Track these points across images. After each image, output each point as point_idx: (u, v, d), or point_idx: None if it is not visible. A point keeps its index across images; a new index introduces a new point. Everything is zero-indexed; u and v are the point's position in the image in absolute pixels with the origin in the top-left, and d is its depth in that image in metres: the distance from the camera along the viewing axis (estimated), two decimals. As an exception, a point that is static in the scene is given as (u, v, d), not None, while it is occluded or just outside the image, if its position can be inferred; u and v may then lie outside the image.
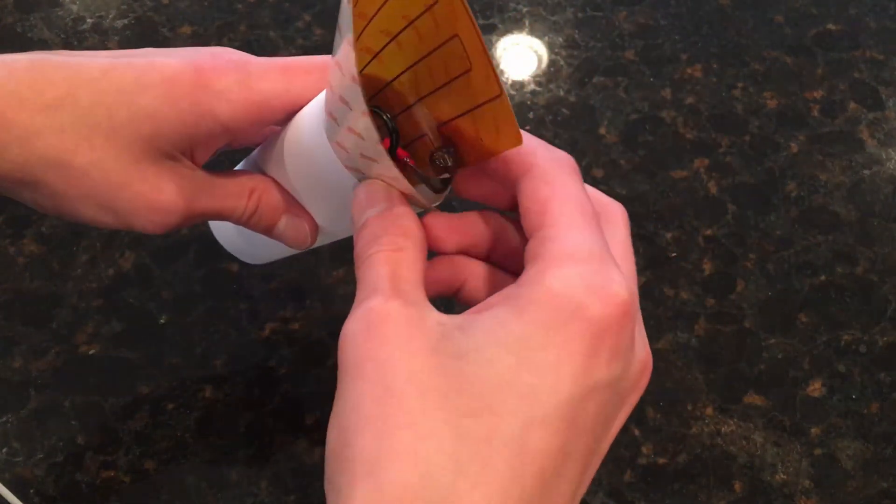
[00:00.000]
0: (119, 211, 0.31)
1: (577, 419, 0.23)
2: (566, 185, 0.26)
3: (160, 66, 0.30)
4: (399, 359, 0.23)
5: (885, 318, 0.50)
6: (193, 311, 0.49)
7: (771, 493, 0.45)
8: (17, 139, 0.29)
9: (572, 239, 0.24)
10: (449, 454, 0.21)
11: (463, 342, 0.23)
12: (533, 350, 0.23)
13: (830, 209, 0.54)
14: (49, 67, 0.29)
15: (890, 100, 0.58)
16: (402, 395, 0.22)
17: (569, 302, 0.23)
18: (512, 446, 0.22)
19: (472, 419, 0.22)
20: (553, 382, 0.22)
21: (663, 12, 0.62)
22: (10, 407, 0.46)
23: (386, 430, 0.22)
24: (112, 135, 0.30)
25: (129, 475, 0.45)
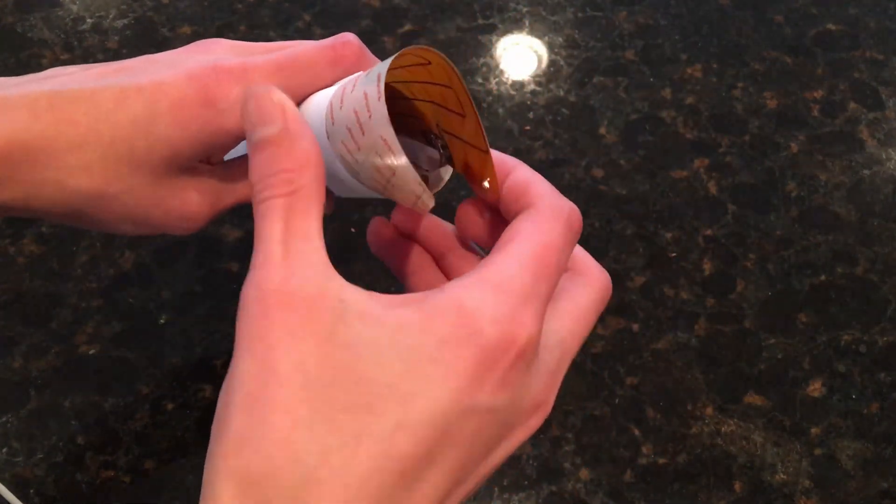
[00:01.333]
0: (154, 225, 0.34)
1: (450, 433, 0.24)
2: (545, 231, 0.27)
3: (167, 90, 0.31)
4: (289, 344, 0.23)
5: (885, 318, 0.50)
6: (193, 311, 0.49)
7: (771, 493, 0.45)
8: (51, 180, 0.31)
9: (510, 271, 0.26)
10: (319, 443, 0.22)
11: (360, 332, 0.24)
12: (422, 361, 0.24)
13: (830, 209, 0.54)
14: (67, 103, 0.31)
15: (890, 100, 0.58)
16: (286, 381, 0.23)
17: (470, 324, 0.24)
18: (379, 445, 0.23)
19: (348, 415, 0.23)
20: (432, 395, 0.23)
21: (663, 12, 0.62)
22: (10, 407, 0.46)
23: (264, 412, 0.23)
24: (135, 164, 0.32)
25: (129, 475, 0.45)
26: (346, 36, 0.33)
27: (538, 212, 0.28)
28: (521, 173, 0.29)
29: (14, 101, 0.30)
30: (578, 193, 0.54)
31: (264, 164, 0.26)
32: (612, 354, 0.49)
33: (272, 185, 0.26)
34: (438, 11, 0.62)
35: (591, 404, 0.47)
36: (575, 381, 0.48)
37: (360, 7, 0.62)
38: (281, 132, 0.26)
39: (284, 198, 0.25)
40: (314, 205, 0.26)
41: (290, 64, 0.32)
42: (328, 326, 0.24)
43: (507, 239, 0.27)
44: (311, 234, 0.25)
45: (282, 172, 0.26)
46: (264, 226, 0.25)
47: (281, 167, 0.26)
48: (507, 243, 0.27)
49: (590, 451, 0.46)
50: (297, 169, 0.26)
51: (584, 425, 0.47)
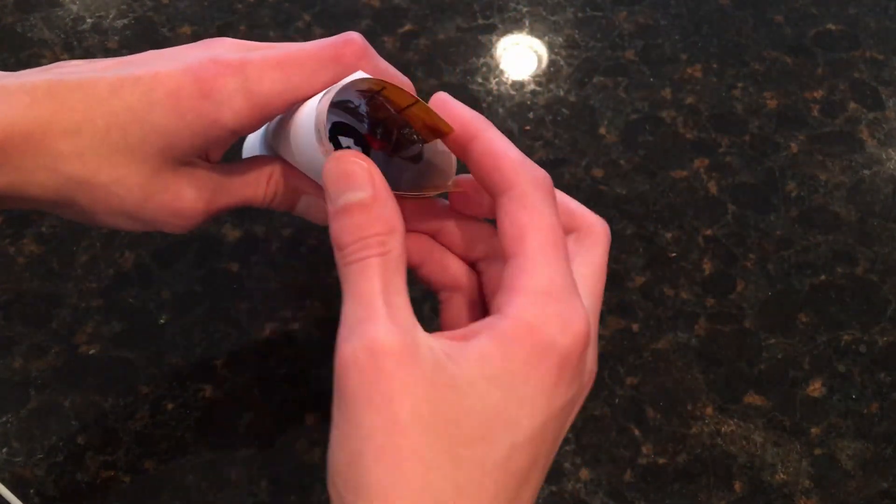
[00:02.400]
0: (146, 220, 0.34)
1: (546, 437, 0.27)
2: (543, 213, 0.29)
3: (164, 80, 0.31)
4: (403, 393, 0.25)
5: (885, 318, 0.50)
6: (193, 311, 0.49)
7: (771, 493, 0.45)
8: (44, 165, 0.31)
9: (547, 275, 0.28)
10: (450, 480, 0.25)
11: (455, 372, 0.26)
12: (516, 385, 0.26)
13: (830, 209, 0.54)
14: (65, 91, 0.31)
15: (890, 100, 0.58)
16: (408, 428, 0.25)
17: (545, 339, 0.27)
18: (500, 469, 0.26)
19: (467, 448, 0.25)
20: (530, 411, 0.26)
21: (663, 12, 0.62)
22: (10, 407, 0.46)
23: (397, 461, 0.25)
24: (129, 153, 0.31)
25: (129, 475, 0.45)
26: (350, 35, 0.33)
27: (525, 194, 0.29)
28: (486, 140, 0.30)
29: (13, 88, 0.31)
30: (578, 193, 0.54)
31: (355, 227, 0.28)
32: (612, 354, 0.49)
33: (368, 247, 0.28)
34: (438, 11, 0.62)
35: (591, 404, 0.47)
36: (575, 381, 0.48)
37: (360, 7, 0.62)
38: (370, 198, 0.28)
39: (381, 257, 0.28)
40: (402, 264, 0.28)
41: (288, 61, 0.32)
42: (428, 374, 0.26)
43: (518, 237, 0.29)
44: (404, 291, 0.28)
45: (376, 236, 0.28)
46: (362, 282, 0.28)
47: (374, 231, 0.28)
48: (522, 243, 0.29)
49: (590, 451, 0.46)
50: (388, 232, 0.28)
51: (584, 425, 0.47)
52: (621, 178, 0.55)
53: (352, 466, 0.25)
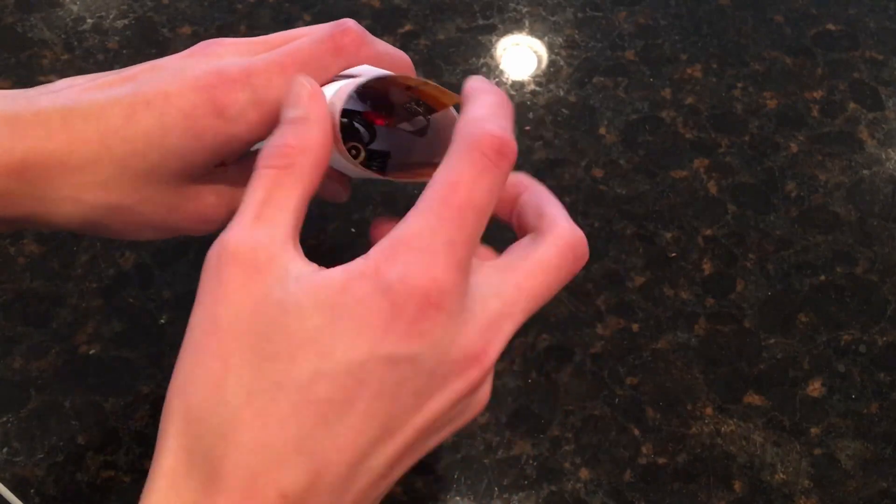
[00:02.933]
0: (173, 229, 0.35)
1: (367, 381, 0.26)
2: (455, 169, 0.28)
3: (175, 101, 0.31)
4: (229, 299, 0.27)
5: (884, 318, 0.50)
6: (193, 311, 0.49)
7: (771, 493, 0.45)
8: (68, 197, 0.31)
9: (416, 226, 0.27)
10: (245, 387, 0.26)
11: (291, 292, 0.27)
12: (340, 316, 0.26)
13: (830, 209, 0.54)
14: (80, 121, 0.31)
15: (890, 100, 0.58)
16: (223, 331, 0.26)
17: (382, 281, 0.26)
18: (298, 391, 0.26)
19: (272, 363, 0.26)
20: (348, 346, 0.26)
21: (663, 12, 0.62)
22: (10, 407, 0.46)
23: (202, 358, 0.26)
24: (150, 176, 0.32)
25: (130, 475, 0.45)
26: (345, 23, 0.33)
27: (453, 151, 0.29)
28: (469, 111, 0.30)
29: (27, 119, 0.31)
30: (578, 193, 0.54)
31: (276, 135, 0.29)
32: (612, 354, 0.49)
33: (271, 156, 0.29)
34: (438, 11, 0.62)
35: (590, 404, 0.47)
36: (575, 381, 0.48)
37: (360, 7, 0.62)
38: (301, 115, 0.29)
39: (276, 170, 0.28)
40: (300, 184, 0.29)
41: (292, 62, 0.32)
42: (266, 288, 0.27)
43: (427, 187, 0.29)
44: (287, 208, 0.28)
45: (284, 146, 0.29)
46: (249, 191, 0.28)
47: (286, 141, 0.29)
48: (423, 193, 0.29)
49: (590, 451, 0.46)
50: (297, 147, 0.29)
51: (583, 425, 0.47)
52: (621, 178, 0.55)
53: (179, 353, 0.27)
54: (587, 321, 0.50)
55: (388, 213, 0.53)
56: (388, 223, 0.33)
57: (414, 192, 0.55)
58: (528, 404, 0.47)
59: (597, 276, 0.51)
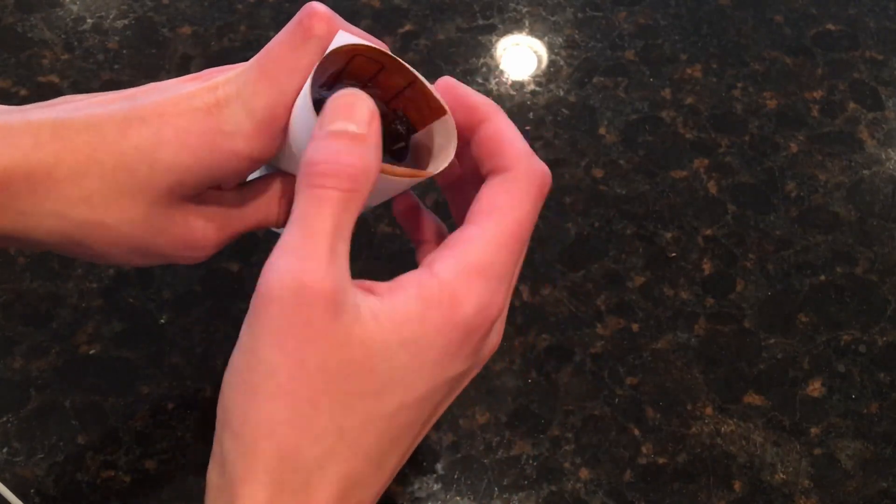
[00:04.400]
0: (159, 255, 0.33)
1: (432, 400, 0.28)
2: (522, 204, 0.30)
3: (170, 117, 0.31)
4: (317, 342, 0.26)
5: (884, 318, 0.50)
6: (193, 311, 0.49)
7: (771, 492, 0.45)
8: (50, 211, 0.30)
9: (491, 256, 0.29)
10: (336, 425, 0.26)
11: (372, 332, 0.27)
12: (423, 350, 0.27)
13: (830, 209, 0.54)
14: (72, 132, 0.30)
15: (889, 100, 0.58)
16: (312, 376, 0.26)
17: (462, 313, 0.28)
18: (385, 420, 0.27)
19: (361, 400, 0.27)
20: (427, 376, 0.28)
21: (663, 12, 0.62)
22: (10, 407, 0.46)
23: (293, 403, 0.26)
24: (137, 193, 0.31)
25: (130, 475, 0.45)
26: (311, 6, 0.31)
27: (515, 180, 0.30)
28: (496, 125, 0.31)
29: (18, 127, 0.30)
30: (578, 193, 0.54)
31: (335, 151, 0.27)
32: (612, 354, 0.49)
33: (336, 174, 0.27)
34: (438, 11, 0.62)
35: (591, 404, 0.47)
36: (575, 381, 0.48)
37: (360, 7, 0.62)
38: (363, 134, 0.28)
39: (344, 193, 0.27)
40: (358, 211, 0.28)
41: (267, 64, 0.31)
42: (348, 328, 0.26)
43: (486, 212, 0.29)
44: (349, 237, 0.27)
45: (349, 167, 0.27)
46: (316, 214, 0.27)
47: (350, 162, 0.27)
48: (487, 219, 0.29)
49: (590, 451, 0.46)
50: (362, 172, 0.27)
51: (584, 425, 0.47)
52: (621, 178, 0.55)
53: (247, 396, 0.26)
54: (587, 321, 0.50)
55: (389, 213, 0.53)
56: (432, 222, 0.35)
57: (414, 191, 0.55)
58: (528, 404, 0.47)
59: (597, 276, 0.51)
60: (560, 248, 0.52)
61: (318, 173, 0.27)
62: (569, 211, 0.53)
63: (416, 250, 0.36)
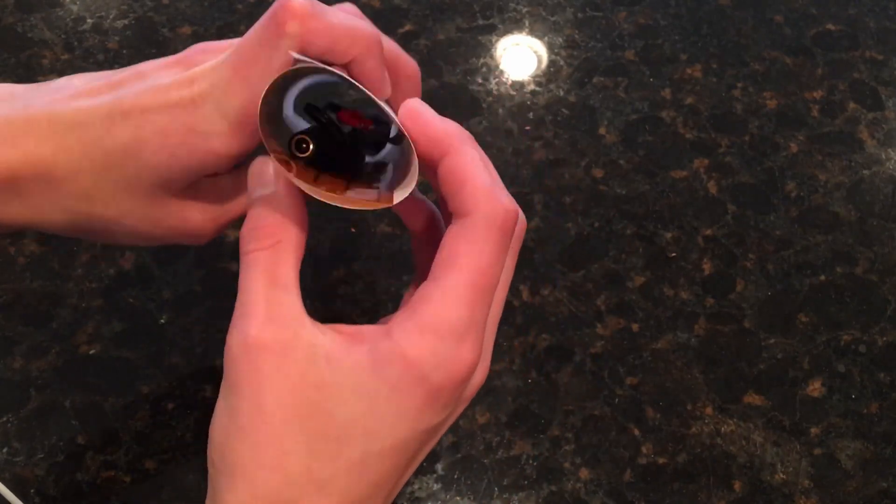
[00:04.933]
0: (161, 240, 0.35)
1: (408, 450, 0.29)
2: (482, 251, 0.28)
3: (150, 117, 0.31)
4: (269, 385, 0.27)
5: (884, 318, 0.50)
6: (193, 311, 0.49)
7: (771, 492, 0.45)
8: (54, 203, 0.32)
9: (448, 314, 0.28)
10: (304, 465, 0.27)
11: (325, 375, 0.28)
12: (379, 403, 0.27)
13: (830, 209, 0.54)
14: (63, 129, 0.32)
15: (889, 100, 0.58)
16: (271, 416, 0.27)
17: (417, 372, 0.27)
18: (355, 468, 0.28)
19: (324, 443, 0.27)
20: (391, 428, 0.28)
21: (663, 12, 0.62)
22: (10, 407, 0.46)
23: (257, 442, 0.27)
24: (129, 188, 0.32)
25: (130, 475, 0.45)
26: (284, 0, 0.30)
27: (472, 225, 0.28)
28: (457, 159, 0.28)
29: (19, 126, 0.31)
30: (578, 193, 0.54)
31: (252, 217, 0.30)
32: (612, 354, 0.49)
33: (256, 238, 0.29)
34: (438, 11, 0.62)
35: (590, 404, 0.47)
36: (575, 381, 0.48)
37: (360, 7, 0.62)
38: (272, 194, 0.30)
39: (267, 251, 0.29)
40: (292, 257, 0.29)
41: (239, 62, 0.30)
42: (301, 369, 0.28)
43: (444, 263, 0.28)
44: (289, 285, 0.29)
45: (265, 227, 0.29)
46: (248, 277, 0.29)
47: (265, 222, 0.29)
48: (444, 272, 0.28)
49: (590, 451, 0.46)
50: (279, 224, 0.29)
51: (583, 425, 0.47)
52: (621, 178, 0.55)
53: (224, 441, 0.28)
54: (587, 321, 0.50)
55: (389, 213, 0.53)
56: None
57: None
58: (528, 404, 0.47)
59: (597, 276, 0.51)
60: (560, 248, 0.52)
61: (243, 243, 0.29)
62: (569, 211, 0.53)
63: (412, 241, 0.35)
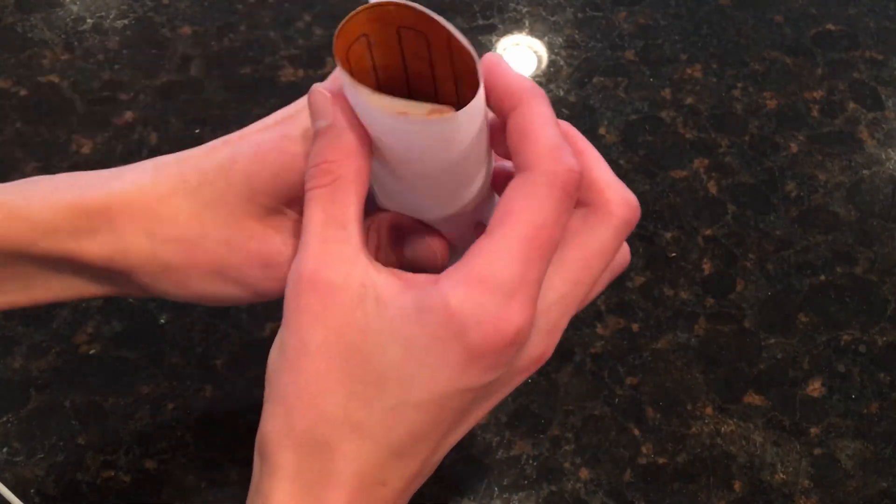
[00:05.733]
0: (237, 277, 0.33)
1: (447, 408, 0.28)
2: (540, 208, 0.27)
3: (250, 137, 0.32)
4: (314, 323, 0.28)
5: (884, 318, 0.50)
6: (193, 311, 0.49)
7: (770, 492, 0.45)
8: (142, 228, 0.32)
9: (498, 267, 0.27)
10: (341, 405, 0.28)
11: (371, 318, 0.28)
12: (418, 352, 0.27)
13: (830, 209, 0.54)
14: (167, 164, 0.33)
15: (889, 100, 0.58)
16: (314, 354, 0.28)
17: (458, 324, 0.27)
18: (388, 414, 0.28)
19: (362, 386, 0.28)
20: (428, 380, 0.27)
21: (663, 12, 0.63)
22: (10, 407, 0.46)
23: (299, 378, 0.28)
24: (215, 206, 0.32)
25: (130, 475, 0.45)
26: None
27: (532, 182, 0.28)
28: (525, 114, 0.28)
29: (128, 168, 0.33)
30: (578, 193, 0.54)
31: (313, 155, 0.29)
32: (612, 354, 0.49)
33: (316, 175, 0.29)
34: (438, 11, 0.62)
35: (590, 404, 0.47)
36: (575, 381, 0.48)
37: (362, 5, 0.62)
38: (329, 126, 0.29)
39: (325, 188, 0.29)
40: (352, 194, 0.29)
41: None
42: (347, 310, 0.28)
43: (500, 218, 0.28)
44: (346, 222, 0.29)
45: (324, 163, 0.29)
46: (307, 213, 0.29)
47: (325, 158, 0.29)
48: (500, 225, 0.28)
49: (590, 451, 0.46)
50: (338, 160, 0.29)
51: (583, 425, 0.47)
52: (621, 178, 0.55)
53: (273, 371, 0.29)
54: (587, 321, 0.50)
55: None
56: None
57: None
58: (528, 404, 0.47)
59: (597, 276, 0.51)
60: (560, 248, 0.52)
61: (307, 179, 0.29)
62: (569, 211, 0.53)
63: None
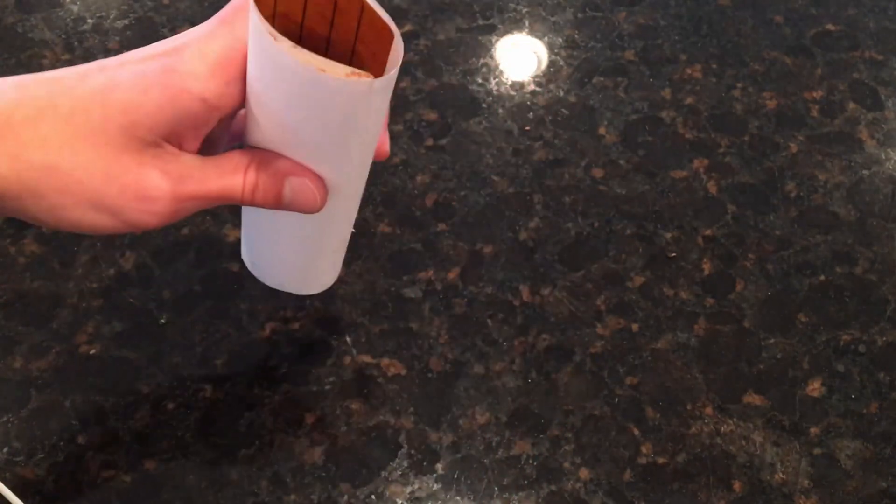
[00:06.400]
0: (111, 208, 0.32)
1: None
2: None
3: (128, 65, 0.32)
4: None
5: (884, 318, 0.50)
6: (193, 311, 0.49)
7: (770, 492, 0.45)
8: (5, 152, 0.31)
9: None
10: None
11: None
12: None
13: (829, 209, 0.54)
14: (33, 84, 0.32)
15: (889, 100, 0.58)
16: None
17: None
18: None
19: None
20: None
21: (663, 12, 0.63)
22: (10, 407, 0.46)
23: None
24: (90, 135, 0.31)
25: (130, 475, 0.45)
26: None
27: None
28: None
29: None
30: (578, 193, 0.54)
31: None
32: (612, 354, 0.49)
33: None
34: (438, 11, 0.62)
35: (590, 404, 0.47)
36: (575, 381, 0.48)
37: (360, 7, 0.62)
38: None
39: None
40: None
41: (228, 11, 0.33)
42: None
43: None
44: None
45: None
46: None
47: None
48: None
49: (589, 451, 0.46)
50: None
51: (583, 425, 0.47)
52: (621, 178, 0.55)
53: None
54: (587, 321, 0.50)
55: (389, 213, 0.53)
56: None
57: (414, 192, 0.55)
58: (528, 404, 0.47)
59: (597, 276, 0.51)
60: (560, 248, 0.52)
61: None
62: (569, 211, 0.53)
63: None
